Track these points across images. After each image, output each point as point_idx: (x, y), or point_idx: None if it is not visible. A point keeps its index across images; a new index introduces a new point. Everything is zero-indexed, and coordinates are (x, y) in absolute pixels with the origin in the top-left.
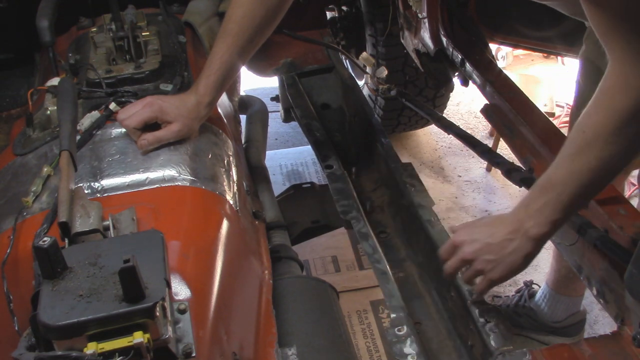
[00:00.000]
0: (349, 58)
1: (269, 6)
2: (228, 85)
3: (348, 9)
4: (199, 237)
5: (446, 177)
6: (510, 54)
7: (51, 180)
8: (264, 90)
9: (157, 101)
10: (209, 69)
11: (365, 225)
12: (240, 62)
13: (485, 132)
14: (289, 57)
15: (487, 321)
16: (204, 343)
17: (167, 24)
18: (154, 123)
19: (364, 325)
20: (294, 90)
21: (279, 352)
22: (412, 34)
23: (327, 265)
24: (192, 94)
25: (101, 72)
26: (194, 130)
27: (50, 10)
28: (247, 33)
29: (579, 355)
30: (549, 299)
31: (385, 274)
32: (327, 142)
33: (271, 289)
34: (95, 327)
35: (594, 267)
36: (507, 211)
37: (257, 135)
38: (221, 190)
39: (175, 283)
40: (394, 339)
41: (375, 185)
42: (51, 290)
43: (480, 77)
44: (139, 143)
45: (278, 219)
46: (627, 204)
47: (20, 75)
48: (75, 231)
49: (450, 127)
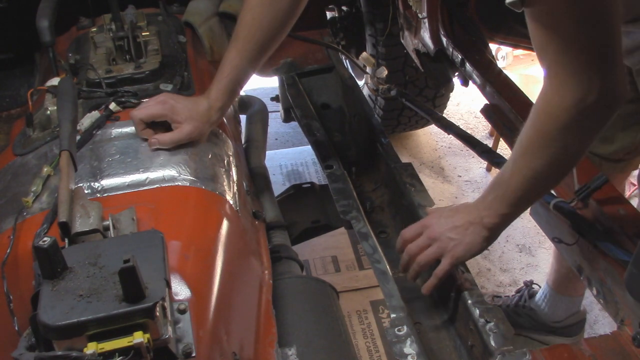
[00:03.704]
0: (349, 58)
1: (277, 11)
2: (240, 90)
3: (348, 9)
4: (199, 237)
5: (446, 177)
6: (510, 54)
7: (51, 180)
8: (264, 90)
9: (170, 100)
10: (221, 74)
11: (365, 225)
12: (251, 67)
13: (485, 132)
14: (289, 57)
15: (487, 321)
16: (204, 343)
17: (167, 24)
18: (162, 124)
19: (364, 325)
20: (294, 90)
21: (279, 352)
22: (412, 34)
23: (327, 265)
24: (205, 97)
25: (101, 72)
26: (205, 134)
27: (50, 10)
28: (257, 37)
29: (579, 355)
30: (549, 299)
31: (385, 274)
32: (327, 142)
33: (271, 289)
34: (95, 327)
35: (594, 267)
36: None
37: (257, 135)
38: (221, 190)
39: (175, 283)
40: (394, 339)
41: (375, 185)
42: (51, 290)
43: (480, 77)
44: (149, 141)
45: (278, 219)
46: (627, 204)
47: (20, 75)
48: (75, 231)
49: (450, 127)
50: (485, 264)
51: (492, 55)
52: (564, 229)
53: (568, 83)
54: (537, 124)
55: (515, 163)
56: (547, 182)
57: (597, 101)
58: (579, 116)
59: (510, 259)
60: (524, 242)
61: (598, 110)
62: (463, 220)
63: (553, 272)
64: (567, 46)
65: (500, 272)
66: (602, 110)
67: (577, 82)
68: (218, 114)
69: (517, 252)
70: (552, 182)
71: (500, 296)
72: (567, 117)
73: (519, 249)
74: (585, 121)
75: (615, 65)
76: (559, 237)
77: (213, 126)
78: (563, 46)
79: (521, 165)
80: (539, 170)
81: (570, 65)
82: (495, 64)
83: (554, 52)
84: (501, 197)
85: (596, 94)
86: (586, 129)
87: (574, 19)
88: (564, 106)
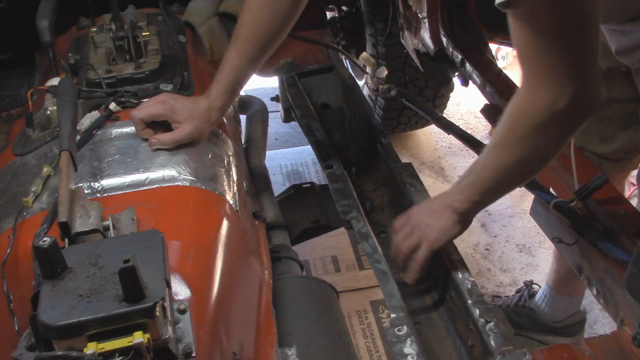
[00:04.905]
0: (349, 58)
1: (277, 11)
2: (240, 90)
3: (348, 9)
4: (199, 237)
5: (446, 177)
6: (510, 54)
7: (51, 180)
8: (264, 90)
9: (170, 100)
10: (221, 74)
11: (365, 225)
12: (251, 67)
13: (485, 132)
14: (289, 57)
15: (487, 321)
16: (204, 343)
17: (167, 24)
18: (162, 123)
19: (364, 325)
20: (294, 90)
21: (279, 352)
22: (412, 34)
23: (327, 265)
24: (205, 97)
25: (101, 72)
26: (205, 134)
27: (50, 10)
28: (257, 37)
29: (579, 355)
30: (549, 299)
31: (385, 274)
32: (327, 142)
33: (271, 289)
34: (95, 327)
35: (594, 267)
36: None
37: (257, 135)
38: (221, 190)
39: (175, 283)
40: (394, 339)
41: (375, 185)
42: (51, 290)
43: (480, 77)
44: (149, 141)
45: (278, 219)
46: (627, 204)
47: (20, 75)
48: (75, 231)
49: (450, 127)
50: (485, 264)
51: (492, 55)
52: (564, 229)
53: (542, 86)
54: (508, 122)
55: (488, 155)
56: (516, 177)
57: (568, 107)
58: (549, 119)
59: (510, 259)
60: (524, 242)
61: (568, 116)
62: (438, 205)
63: (553, 272)
64: (543, 50)
65: (500, 272)
66: (573, 116)
67: (550, 85)
68: (218, 114)
69: (517, 252)
70: (521, 178)
71: (500, 296)
72: (538, 119)
73: (519, 249)
74: (555, 125)
75: (589, 73)
76: (559, 237)
77: (213, 126)
78: (540, 49)
79: (492, 158)
80: (508, 165)
81: (545, 68)
82: (495, 64)
83: (531, 54)
84: (472, 184)
85: (567, 99)
86: (556, 133)
87: (553, 24)
88: (535, 108)
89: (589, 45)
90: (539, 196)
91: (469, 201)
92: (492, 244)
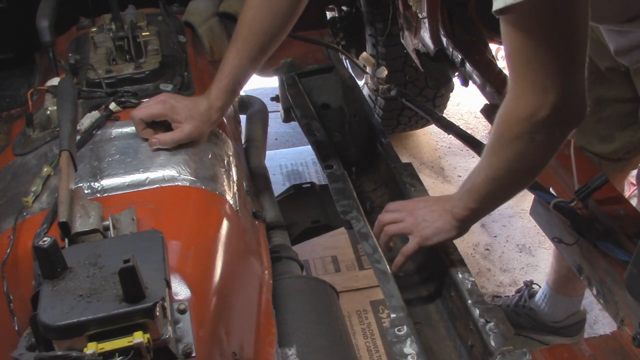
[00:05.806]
0: (349, 58)
1: (277, 11)
2: (240, 90)
3: (348, 9)
4: (199, 237)
5: (446, 177)
6: None
7: (51, 180)
8: (264, 90)
9: (170, 100)
10: (221, 74)
11: (365, 225)
12: (251, 67)
13: (485, 132)
14: (289, 57)
15: (487, 321)
16: (204, 343)
17: (167, 24)
18: (162, 123)
19: (364, 325)
20: (294, 90)
21: (279, 352)
22: (412, 34)
23: (327, 265)
24: (205, 97)
25: (101, 72)
26: (205, 134)
27: (50, 10)
28: (257, 37)
29: (579, 355)
30: (549, 299)
31: (385, 274)
32: (327, 142)
33: (271, 289)
34: (95, 327)
35: (594, 267)
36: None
37: (257, 135)
38: (221, 190)
39: (175, 283)
40: (394, 339)
41: (375, 185)
42: (51, 290)
43: (480, 77)
44: (149, 141)
45: (278, 219)
46: (627, 204)
47: (20, 75)
48: (75, 231)
49: (450, 127)
50: (485, 264)
51: (492, 55)
52: (564, 229)
53: (525, 94)
54: (496, 128)
55: (482, 160)
56: (508, 186)
57: (550, 116)
58: (531, 128)
59: (510, 259)
60: (524, 242)
61: (551, 125)
62: (439, 207)
63: (553, 272)
64: (529, 59)
65: (500, 272)
66: (555, 127)
67: (532, 95)
68: (218, 114)
69: (517, 252)
70: (515, 186)
71: (500, 296)
72: (520, 127)
73: (519, 249)
74: (537, 135)
75: (574, 83)
76: (559, 237)
77: (213, 126)
78: (526, 58)
79: (485, 164)
80: (499, 173)
81: (529, 77)
82: (495, 64)
83: (518, 61)
84: (469, 190)
85: (548, 109)
86: (539, 142)
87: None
88: (517, 116)
89: (576, 56)
90: (539, 196)
91: (468, 208)
92: (492, 244)
